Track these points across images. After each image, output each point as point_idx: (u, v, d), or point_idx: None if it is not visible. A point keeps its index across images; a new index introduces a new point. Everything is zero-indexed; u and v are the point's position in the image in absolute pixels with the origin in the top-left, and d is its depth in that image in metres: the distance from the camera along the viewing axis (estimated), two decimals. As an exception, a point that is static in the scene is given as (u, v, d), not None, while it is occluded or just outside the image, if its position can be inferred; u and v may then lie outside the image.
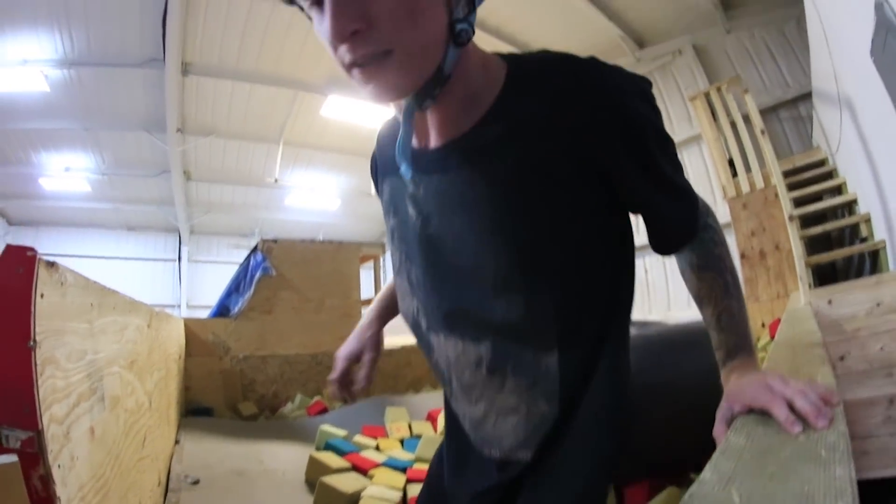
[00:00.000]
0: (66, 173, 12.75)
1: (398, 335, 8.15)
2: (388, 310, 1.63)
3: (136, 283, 15.63)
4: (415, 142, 1.12)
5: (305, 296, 5.17)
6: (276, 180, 13.43)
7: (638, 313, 1.31)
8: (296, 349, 4.92)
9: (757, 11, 8.90)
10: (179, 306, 16.55)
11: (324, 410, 4.46)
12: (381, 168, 1.27)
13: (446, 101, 1.00)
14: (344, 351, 1.58)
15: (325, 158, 14.29)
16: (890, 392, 2.42)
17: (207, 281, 16.83)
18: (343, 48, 0.85)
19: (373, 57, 0.85)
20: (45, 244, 15.01)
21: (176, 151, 11.97)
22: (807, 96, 7.70)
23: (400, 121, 1.04)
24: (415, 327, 1.25)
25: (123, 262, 16.35)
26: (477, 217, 1.04)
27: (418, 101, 0.98)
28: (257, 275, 5.02)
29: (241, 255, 16.00)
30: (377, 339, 1.60)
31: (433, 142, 1.07)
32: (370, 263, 6.67)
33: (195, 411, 4.22)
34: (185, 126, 11.59)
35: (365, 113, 11.99)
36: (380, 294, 1.69)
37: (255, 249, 5.28)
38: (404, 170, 1.05)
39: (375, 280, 6.45)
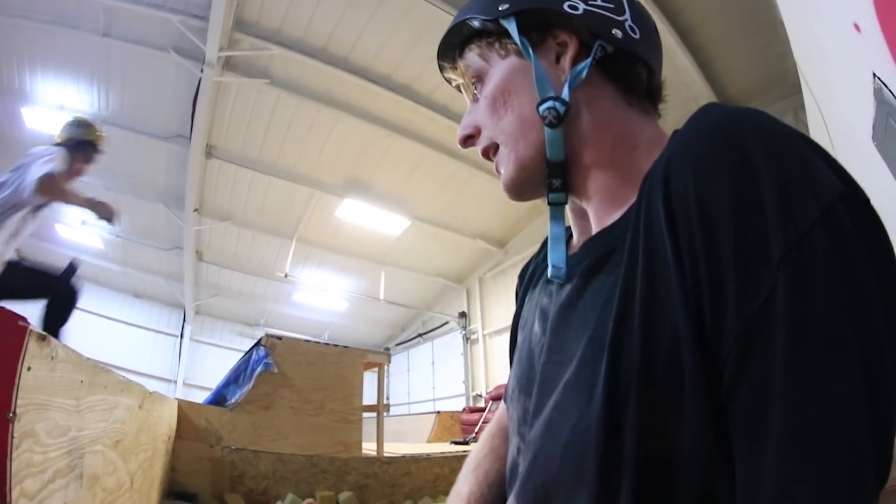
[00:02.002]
0: (82, 226, 12.48)
1: (395, 443, 7.75)
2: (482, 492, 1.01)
3: (136, 351, 15.41)
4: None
5: (306, 397, 4.91)
6: (286, 275, 13.14)
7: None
8: (291, 448, 4.61)
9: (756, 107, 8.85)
10: (176, 382, 16.13)
11: None
12: (528, 278, 1.09)
13: (589, 198, 0.87)
14: None
15: (336, 260, 14.20)
16: None
17: (207, 362, 16.52)
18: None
19: (487, 152, 0.93)
20: (51, 289, 15.11)
21: (191, 230, 11.86)
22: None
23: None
24: (510, 475, 0.90)
25: (126, 326, 16.00)
26: (573, 343, 0.76)
27: (547, 195, 0.89)
28: (258, 369, 4.78)
29: (243, 343, 15.84)
30: None
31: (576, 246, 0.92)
32: (375, 371, 6.57)
33: (179, 495, 3.91)
34: (203, 207, 11.55)
35: (378, 219, 11.99)
36: (469, 462, 1.11)
37: (258, 343, 5.03)
38: (551, 270, 0.86)
39: (379, 389, 6.28)
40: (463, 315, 15.99)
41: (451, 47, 1.00)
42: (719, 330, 0.56)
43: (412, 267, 14.84)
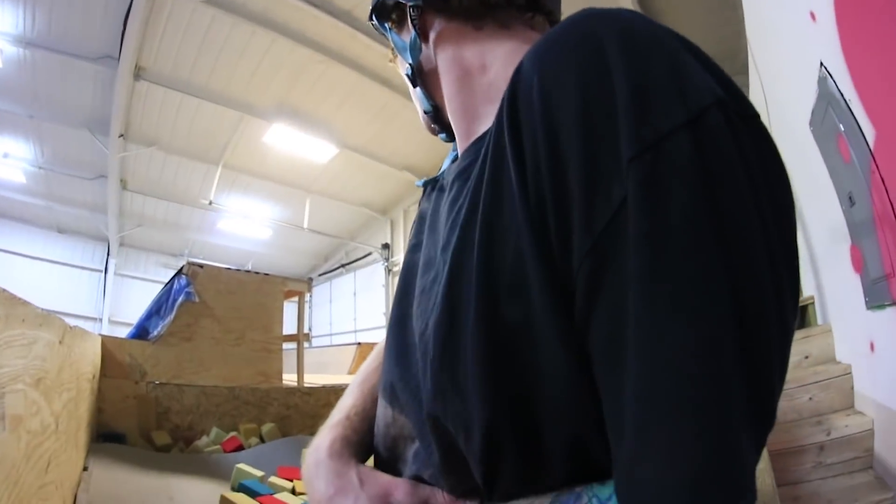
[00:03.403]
0: (3, 159, 11.82)
1: (317, 374, 7.74)
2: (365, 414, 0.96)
3: (60, 290, 14.92)
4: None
5: (227, 326, 4.84)
6: (210, 202, 12.86)
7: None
8: (214, 381, 4.51)
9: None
10: (101, 320, 15.67)
11: (239, 447, 4.04)
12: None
13: (456, 127, 0.89)
14: None
15: (261, 186, 13.93)
16: (819, 440, 2.50)
17: (133, 297, 16.04)
18: None
19: None
20: (-30, 230, 14.13)
21: (115, 157, 11.35)
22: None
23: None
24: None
25: (49, 265, 15.42)
26: (432, 249, 0.77)
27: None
28: (180, 299, 4.69)
29: (168, 275, 15.52)
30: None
31: None
32: (296, 300, 6.50)
33: (107, 436, 3.76)
34: (129, 133, 11.04)
35: (306, 146, 11.73)
36: (357, 376, 1.09)
37: (179, 272, 4.89)
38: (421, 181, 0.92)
39: (299, 317, 6.20)
40: (386, 247, 16.08)
41: None
42: (568, 248, 0.49)
43: (337, 196, 14.70)
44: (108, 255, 16.27)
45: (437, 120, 0.95)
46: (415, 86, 0.93)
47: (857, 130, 1.74)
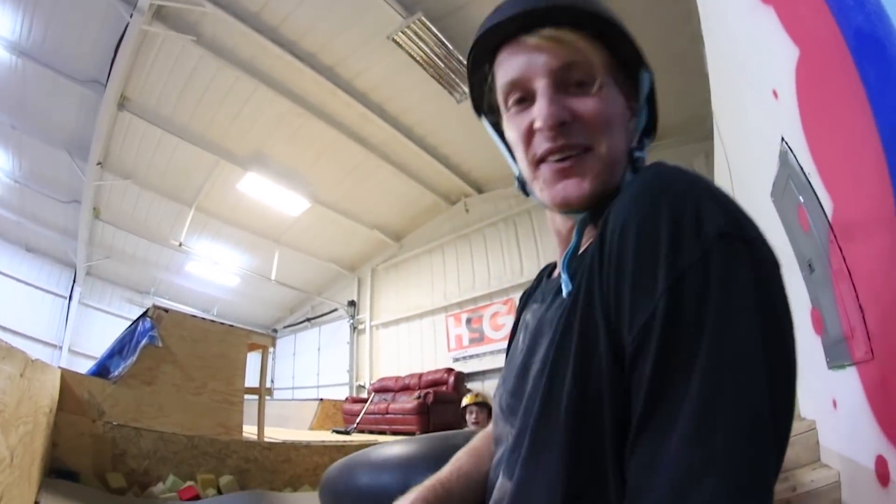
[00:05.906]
0: None
1: (277, 427, 7.52)
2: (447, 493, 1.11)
3: (21, 310, 14.14)
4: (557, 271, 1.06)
5: (189, 374, 4.74)
6: (180, 244, 12.68)
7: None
8: (172, 427, 4.38)
9: (668, 145, 9.09)
10: (61, 348, 14.88)
11: (195, 497, 3.97)
12: (524, 303, 1.22)
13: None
14: None
15: (232, 233, 13.81)
16: (785, 496, 2.45)
17: (95, 329, 15.36)
18: (543, 137, 0.91)
19: (573, 149, 0.90)
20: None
21: (91, 184, 11.18)
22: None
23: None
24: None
25: (14, 283, 14.50)
26: (539, 356, 0.89)
27: (594, 217, 0.94)
28: (143, 342, 4.59)
29: (132, 311, 15.07)
30: None
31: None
32: (259, 353, 6.37)
33: (60, 473, 3.61)
34: (107, 162, 10.90)
35: (278, 197, 11.76)
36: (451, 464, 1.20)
37: (144, 314, 4.84)
38: (565, 280, 0.90)
39: (262, 372, 6.12)
40: (352, 304, 15.90)
41: (568, 14, 0.94)
42: (621, 333, 0.70)
43: (306, 250, 14.68)
44: (73, 282, 15.60)
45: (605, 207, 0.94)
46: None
47: (815, 202, 1.78)
